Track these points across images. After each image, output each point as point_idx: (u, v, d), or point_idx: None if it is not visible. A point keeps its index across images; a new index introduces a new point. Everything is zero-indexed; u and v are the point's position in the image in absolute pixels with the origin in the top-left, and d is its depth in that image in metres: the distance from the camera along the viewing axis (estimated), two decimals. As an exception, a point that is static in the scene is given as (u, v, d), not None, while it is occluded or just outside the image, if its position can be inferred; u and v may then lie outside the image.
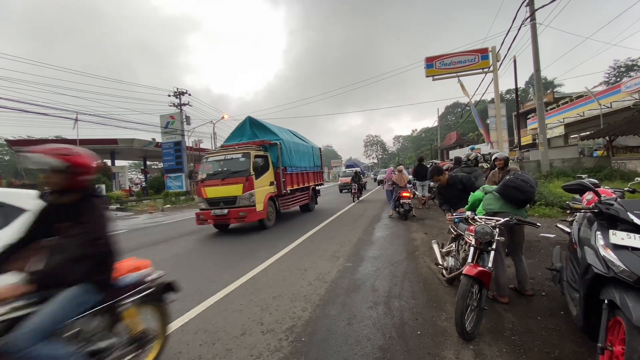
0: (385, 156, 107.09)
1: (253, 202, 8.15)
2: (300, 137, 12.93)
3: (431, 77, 15.45)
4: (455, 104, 71.61)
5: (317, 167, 13.52)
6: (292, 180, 10.32)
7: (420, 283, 3.97)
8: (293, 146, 10.65)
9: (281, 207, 9.74)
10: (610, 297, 1.78)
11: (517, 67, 15.63)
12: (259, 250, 6.26)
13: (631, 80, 20.48)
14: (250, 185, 8.17)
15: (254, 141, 9.57)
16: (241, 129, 10.45)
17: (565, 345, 2.43)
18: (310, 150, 12.75)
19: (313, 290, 3.92)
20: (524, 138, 29.01)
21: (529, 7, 12.13)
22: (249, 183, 8.16)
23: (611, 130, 14.91)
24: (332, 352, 2.53)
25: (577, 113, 24.03)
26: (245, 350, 2.64)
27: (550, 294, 3.37)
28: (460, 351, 2.44)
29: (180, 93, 28.28)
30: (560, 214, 7.37)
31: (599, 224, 2.11)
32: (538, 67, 12.57)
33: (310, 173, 12.45)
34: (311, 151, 12.88)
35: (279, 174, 9.46)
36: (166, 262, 5.84)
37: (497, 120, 15.92)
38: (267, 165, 9.07)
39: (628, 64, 44.02)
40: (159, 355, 2.43)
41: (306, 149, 12.18)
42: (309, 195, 12.20)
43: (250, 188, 8.16)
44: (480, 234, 2.84)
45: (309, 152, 12.55)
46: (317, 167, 13.52)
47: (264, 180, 8.77)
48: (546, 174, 12.77)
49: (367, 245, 6.14)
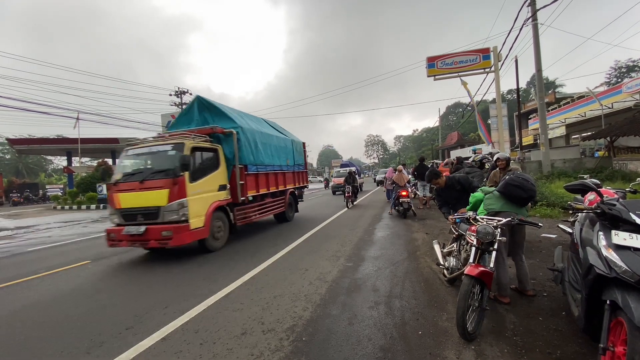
0: (386, 156, 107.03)
1: (184, 215, 5.62)
2: (275, 128, 10.62)
3: (432, 76, 15.43)
4: (456, 104, 71.52)
5: (299, 166, 11.17)
6: (257, 182, 7.97)
7: (422, 283, 3.96)
8: (260, 138, 8.24)
9: (239, 219, 7.22)
10: (612, 298, 1.78)
11: (519, 67, 15.61)
12: (258, 250, 6.27)
13: (632, 80, 20.44)
14: (181, 191, 5.63)
15: (200, 129, 7.00)
16: (188, 114, 7.84)
17: (567, 346, 2.43)
18: (288, 145, 10.31)
19: (314, 290, 3.92)
20: (525, 138, 28.99)
21: (531, 7, 12.12)
22: (179, 188, 5.61)
23: (612, 131, 14.88)
24: (333, 352, 2.53)
25: (579, 113, 23.99)
26: (245, 350, 2.64)
27: (552, 295, 3.37)
28: (461, 351, 2.44)
29: (182, 92, 28.39)
30: (562, 214, 7.36)
31: (601, 224, 2.11)
32: (540, 67, 12.56)
33: (289, 173, 10.17)
34: (290, 146, 10.50)
35: (237, 175, 7.09)
36: (166, 260, 5.87)
37: (498, 121, 15.90)
38: (215, 162, 6.72)
39: (629, 65, 43.95)
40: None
41: (281, 143, 9.76)
42: (286, 202, 9.69)
43: (181, 195, 5.62)
44: (482, 234, 2.83)
45: (286, 147, 10.13)
46: (299, 166, 11.17)
47: (208, 183, 6.33)
48: (547, 174, 12.76)
49: (368, 245, 6.13)
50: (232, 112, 7.95)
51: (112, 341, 2.93)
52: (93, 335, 3.08)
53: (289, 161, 10.14)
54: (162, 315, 3.44)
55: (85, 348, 2.84)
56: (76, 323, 3.41)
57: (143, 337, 2.96)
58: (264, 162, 8.28)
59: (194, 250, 6.37)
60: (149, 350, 2.74)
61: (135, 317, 3.44)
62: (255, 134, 7.98)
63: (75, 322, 3.43)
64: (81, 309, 3.78)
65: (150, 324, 3.24)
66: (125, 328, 3.18)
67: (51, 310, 3.82)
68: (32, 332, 3.25)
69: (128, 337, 3.00)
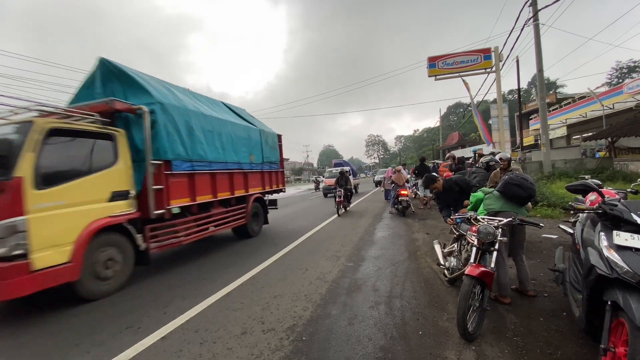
0: (386, 156, 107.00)
1: (20, 247, 3.31)
2: (239, 114, 8.19)
3: (433, 77, 15.42)
4: (457, 104, 71.54)
5: (272, 164, 8.63)
6: (192, 186, 5.60)
7: (422, 283, 3.96)
8: (200, 122, 5.91)
9: (155, 242, 4.91)
10: (613, 299, 1.77)
11: (520, 68, 15.58)
12: (258, 250, 6.26)
13: (634, 81, 20.40)
14: (13, 205, 3.32)
15: (91, 104, 4.63)
16: (91, 87, 5.23)
17: (568, 347, 2.42)
18: (253, 136, 7.76)
19: (314, 290, 3.91)
20: (526, 139, 28.98)
21: (532, 7, 12.10)
22: (9, 199, 3.33)
23: (613, 132, 14.86)
24: (333, 352, 2.53)
25: (580, 114, 23.95)
26: (246, 349, 2.64)
27: (552, 295, 3.36)
28: (462, 352, 2.44)
29: (182, 92, 28.39)
30: (563, 214, 7.35)
31: (603, 224, 2.10)
32: (541, 68, 12.54)
33: (254, 174, 7.67)
34: (257, 137, 7.90)
35: (156, 175, 4.83)
36: (166, 260, 5.86)
37: (499, 121, 15.89)
38: (108, 155, 4.43)
39: (630, 66, 43.92)
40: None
41: (242, 133, 7.29)
42: (247, 211, 7.26)
43: (12, 212, 3.31)
44: (483, 234, 2.83)
45: (250, 139, 7.59)
46: (272, 164, 8.63)
47: (84, 188, 4.04)
48: (548, 174, 12.74)
49: (369, 245, 6.13)
50: (153, 83, 5.47)
51: (112, 340, 2.93)
52: (93, 334, 3.08)
53: (254, 157, 7.60)
54: (162, 314, 3.44)
55: (85, 347, 2.84)
56: (75, 322, 3.41)
57: (143, 336, 2.96)
58: (205, 157, 5.89)
59: (191, 252, 6.37)
60: (148, 349, 2.74)
61: (135, 316, 3.44)
62: (189, 115, 5.63)
63: (74, 321, 3.43)
64: (81, 308, 3.77)
65: (150, 323, 3.24)
66: (125, 327, 3.18)
67: (51, 310, 3.81)
68: (32, 333, 3.25)
69: (128, 336, 3.00)
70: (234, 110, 8.19)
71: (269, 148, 8.48)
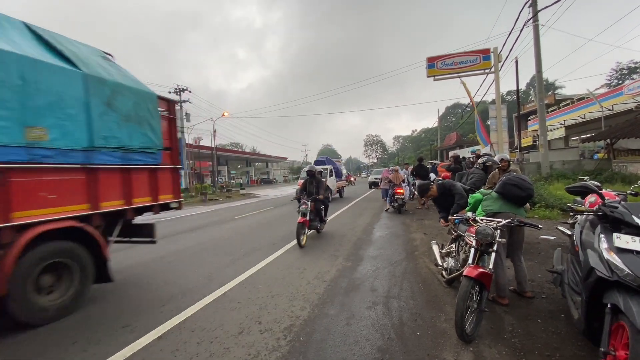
0: (385, 156, 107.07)
1: None
2: (35, 32, 3.82)
3: (432, 77, 15.39)
4: (455, 104, 71.51)
5: (132, 152, 4.12)
6: None
7: (420, 284, 3.95)
8: None
9: None
10: (613, 301, 1.76)
11: (519, 69, 15.59)
12: (257, 249, 6.24)
13: (634, 82, 20.45)
14: None
15: None
16: None
17: (566, 349, 2.41)
18: (59, 87, 3.32)
19: (312, 290, 3.89)
20: (525, 140, 29.01)
21: (532, 8, 12.08)
22: None
23: (612, 133, 14.89)
24: (330, 352, 2.51)
25: (578, 115, 23.99)
26: (242, 349, 2.62)
27: (551, 297, 3.36)
28: (459, 353, 2.43)
29: (181, 90, 28.27)
30: (561, 216, 7.36)
31: (603, 226, 2.09)
32: (540, 69, 12.54)
33: (42, 173, 3.17)
34: (78, 91, 3.51)
35: None
36: (166, 258, 5.82)
37: (497, 122, 15.88)
38: None
39: (630, 67, 43.92)
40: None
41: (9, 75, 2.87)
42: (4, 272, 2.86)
43: None
44: (481, 235, 2.81)
45: (36, 91, 3.09)
46: (132, 152, 4.12)
47: None
48: (546, 175, 12.76)
49: (366, 245, 6.11)
50: None
51: (109, 339, 2.90)
52: (89, 333, 3.05)
53: (51, 134, 3.23)
54: (158, 313, 3.42)
55: (81, 346, 2.81)
56: (73, 321, 3.38)
57: (139, 335, 2.93)
58: None
59: (190, 251, 6.34)
60: (145, 348, 2.71)
61: (132, 315, 3.41)
62: None
63: (72, 320, 3.40)
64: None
65: (147, 322, 3.21)
66: (121, 326, 3.15)
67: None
68: (29, 330, 3.22)
69: (124, 335, 2.97)
70: (41, 34, 3.86)
71: (122, 119, 4.01)
